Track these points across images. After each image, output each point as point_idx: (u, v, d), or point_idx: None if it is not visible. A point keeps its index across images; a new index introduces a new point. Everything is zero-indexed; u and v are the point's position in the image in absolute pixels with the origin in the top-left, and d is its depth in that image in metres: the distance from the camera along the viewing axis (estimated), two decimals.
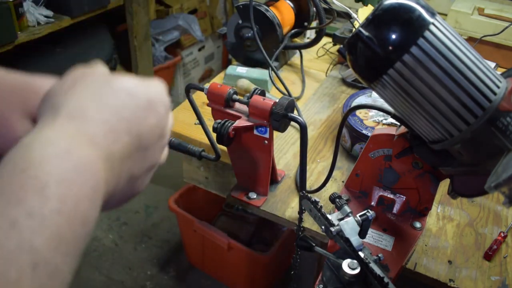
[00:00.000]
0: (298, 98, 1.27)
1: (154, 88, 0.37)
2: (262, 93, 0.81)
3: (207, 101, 0.83)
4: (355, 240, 0.61)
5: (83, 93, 0.33)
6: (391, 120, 0.99)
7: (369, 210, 0.64)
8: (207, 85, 0.82)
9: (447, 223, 0.90)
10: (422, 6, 0.54)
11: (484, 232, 0.88)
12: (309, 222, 0.86)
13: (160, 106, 0.36)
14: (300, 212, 0.79)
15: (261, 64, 1.33)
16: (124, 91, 0.34)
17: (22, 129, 0.38)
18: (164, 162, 0.41)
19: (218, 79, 1.34)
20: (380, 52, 0.55)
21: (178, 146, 0.89)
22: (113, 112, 0.32)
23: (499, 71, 0.83)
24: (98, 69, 0.35)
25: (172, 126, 0.41)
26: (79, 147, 0.29)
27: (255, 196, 0.91)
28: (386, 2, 0.55)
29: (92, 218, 0.29)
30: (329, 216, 0.64)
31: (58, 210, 0.26)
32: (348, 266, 0.59)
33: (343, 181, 0.97)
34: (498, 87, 0.55)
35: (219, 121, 0.79)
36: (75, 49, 2.13)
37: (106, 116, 0.32)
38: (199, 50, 3.06)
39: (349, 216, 0.64)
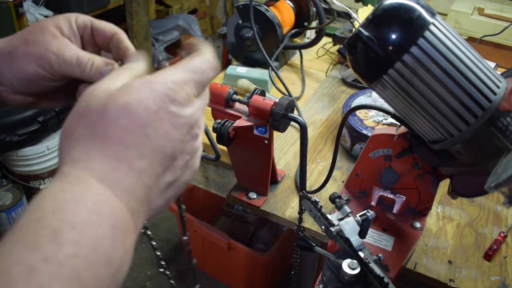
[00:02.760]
0: (298, 98, 1.27)
1: (160, 87, 0.33)
2: (262, 93, 0.81)
3: None
4: (355, 240, 0.61)
5: (83, 137, 0.32)
6: (391, 120, 0.99)
7: (369, 210, 0.64)
8: None
9: (447, 223, 0.90)
10: (422, 6, 0.54)
11: (484, 232, 0.88)
12: (309, 222, 0.86)
13: (170, 105, 0.33)
14: (300, 212, 0.79)
15: (261, 64, 1.33)
16: (124, 115, 0.32)
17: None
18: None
19: (218, 79, 1.34)
20: (380, 52, 0.55)
21: None
22: (117, 144, 0.31)
23: (499, 71, 0.83)
24: (96, 97, 0.33)
25: (207, 101, 0.38)
26: (89, 189, 0.29)
27: (255, 196, 0.91)
28: (386, 2, 0.55)
29: (117, 255, 0.29)
30: (329, 216, 0.64)
31: (74, 254, 0.26)
32: (348, 266, 0.59)
33: (343, 181, 0.97)
34: (498, 87, 0.55)
35: (219, 121, 0.79)
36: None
37: (110, 151, 0.31)
38: None
39: (349, 216, 0.64)
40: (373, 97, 1.10)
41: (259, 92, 0.80)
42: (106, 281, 0.28)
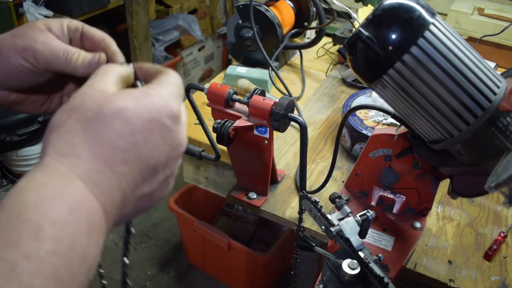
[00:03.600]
0: (298, 98, 1.27)
1: (158, 99, 0.34)
2: (262, 93, 0.81)
3: (207, 101, 0.83)
4: (355, 240, 0.61)
5: (73, 131, 0.32)
6: (391, 120, 0.99)
7: (369, 210, 0.64)
8: (207, 85, 0.82)
9: (447, 223, 0.90)
10: (422, 6, 0.54)
11: (484, 232, 0.88)
12: (309, 222, 0.86)
13: (164, 118, 0.34)
14: (300, 212, 0.79)
15: (261, 64, 1.33)
16: (118, 119, 0.32)
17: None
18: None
19: (218, 79, 1.34)
20: (380, 52, 0.55)
21: None
22: (105, 145, 0.32)
23: (499, 71, 0.83)
24: (92, 97, 0.33)
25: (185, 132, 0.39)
26: (71, 187, 0.30)
27: (255, 196, 0.91)
28: (386, 2, 0.55)
29: (92, 254, 0.30)
30: (329, 216, 0.64)
31: (54, 251, 0.27)
32: (348, 266, 0.59)
33: (343, 181, 0.97)
34: (498, 87, 0.55)
35: (219, 121, 0.79)
36: None
37: (97, 151, 0.31)
38: (199, 50, 3.06)
39: (349, 216, 0.64)
40: (373, 97, 1.10)
41: (259, 92, 0.80)
42: (80, 277, 0.29)
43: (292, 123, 0.82)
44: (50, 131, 0.32)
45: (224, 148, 0.85)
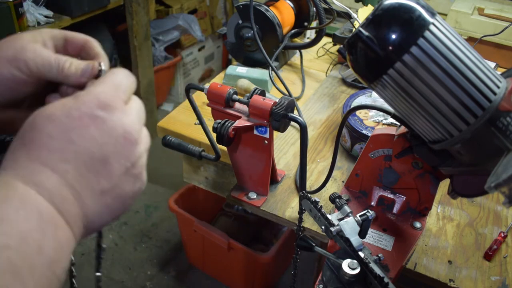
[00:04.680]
0: (298, 98, 1.27)
1: (85, 97, 0.35)
2: (262, 93, 0.81)
3: (207, 101, 0.83)
4: (355, 240, 0.61)
5: (15, 147, 0.34)
6: (391, 120, 0.99)
7: (369, 210, 0.64)
8: (207, 85, 0.82)
9: (447, 223, 0.90)
10: (422, 6, 0.54)
11: (484, 232, 0.88)
12: (309, 222, 0.86)
13: (94, 110, 0.35)
14: (300, 212, 0.79)
15: (261, 64, 1.33)
16: (48, 123, 0.34)
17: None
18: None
19: (218, 79, 1.34)
20: (380, 52, 0.55)
21: (178, 146, 0.89)
22: (41, 149, 0.34)
23: (499, 71, 0.83)
24: (31, 115, 0.35)
25: (138, 109, 0.39)
26: (14, 190, 0.32)
27: (255, 196, 0.91)
28: (386, 2, 0.55)
29: (49, 247, 0.31)
30: (329, 216, 0.64)
31: (5, 245, 0.29)
32: (348, 266, 0.59)
33: (343, 181, 0.97)
34: (498, 87, 0.55)
35: (219, 121, 0.79)
36: None
37: (35, 156, 0.33)
38: (199, 50, 3.06)
39: (349, 216, 0.64)
40: (373, 97, 1.10)
41: (259, 92, 0.80)
42: (41, 269, 0.30)
43: (292, 123, 0.82)
44: (4, 157, 0.35)
45: (224, 148, 0.85)
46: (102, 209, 0.36)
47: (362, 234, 0.64)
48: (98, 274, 0.54)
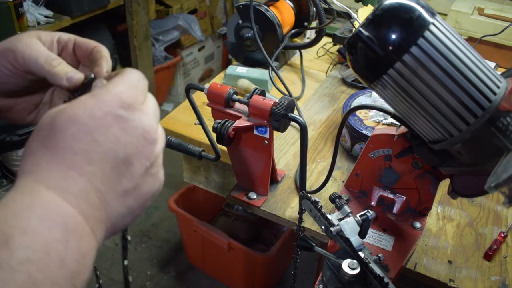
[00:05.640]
0: (298, 98, 1.27)
1: (106, 96, 0.35)
2: (262, 93, 0.81)
3: (207, 101, 0.83)
4: (355, 240, 0.61)
5: (35, 150, 0.33)
6: (391, 120, 0.99)
7: (369, 210, 0.64)
8: (207, 85, 0.82)
9: (447, 223, 0.90)
10: (422, 6, 0.54)
11: (484, 232, 0.88)
12: (309, 222, 0.86)
13: (117, 110, 0.34)
14: (300, 212, 0.79)
15: (261, 64, 1.33)
16: (71, 124, 0.33)
17: None
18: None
19: (218, 79, 1.34)
20: (380, 52, 0.55)
21: (178, 146, 0.89)
22: (66, 152, 0.32)
23: (499, 71, 0.83)
24: (47, 115, 0.35)
25: (155, 108, 0.38)
26: (39, 197, 0.31)
27: (255, 196, 0.91)
28: (386, 2, 0.55)
29: (71, 258, 0.30)
30: (329, 216, 0.64)
31: (27, 259, 0.27)
32: (348, 266, 0.59)
33: (343, 181, 0.97)
34: (498, 87, 0.55)
35: (219, 121, 0.79)
36: None
37: (60, 159, 0.32)
38: (199, 50, 3.06)
39: (349, 216, 0.64)
40: (373, 97, 1.10)
41: (259, 92, 0.80)
42: (62, 282, 0.29)
43: (292, 123, 0.82)
44: (22, 158, 0.34)
45: (224, 148, 0.85)
46: (125, 211, 0.35)
47: (362, 234, 0.64)
48: (125, 263, 0.54)
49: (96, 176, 0.33)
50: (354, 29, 1.23)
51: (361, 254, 0.60)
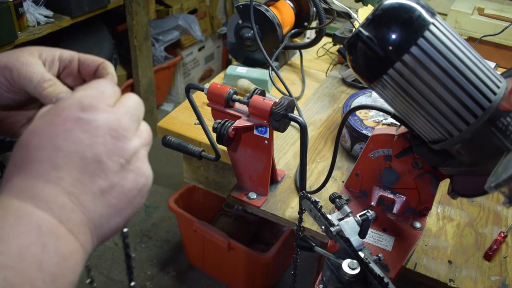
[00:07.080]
0: (298, 98, 1.27)
1: (64, 103, 0.35)
2: (262, 93, 0.81)
3: (207, 101, 0.83)
4: (355, 240, 0.61)
5: (8, 170, 0.34)
6: (391, 120, 0.99)
7: (369, 210, 0.64)
8: (207, 85, 0.82)
9: (447, 223, 0.90)
10: (422, 6, 0.54)
11: (484, 232, 0.88)
12: (309, 222, 0.86)
13: (76, 113, 0.35)
14: (300, 212, 0.79)
15: (261, 64, 1.33)
16: (32, 136, 0.34)
17: None
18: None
19: (218, 79, 1.34)
20: (380, 52, 0.55)
21: (178, 146, 0.89)
22: (31, 163, 0.33)
23: (499, 71, 0.83)
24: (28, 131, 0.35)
25: (130, 106, 0.38)
26: (10, 207, 0.31)
27: (255, 196, 0.91)
28: (386, 2, 0.55)
29: (51, 261, 0.30)
30: (329, 216, 0.64)
31: (3, 265, 0.28)
32: (348, 266, 0.59)
33: (343, 181, 0.97)
34: (498, 87, 0.55)
35: (219, 121, 0.79)
36: (75, 49, 2.11)
37: (26, 171, 0.33)
38: (199, 50, 3.06)
39: (349, 216, 0.64)
40: (373, 97, 1.10)
41: (259, 92, 0.80)
42: (41, 285, 0.29)
43: (292, 123, 0.82)
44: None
45: (224, 148, 0.85)
46: (108, 211, 0.35)
47: (362, 234, 0.64)
48: (132, 284, 0.54)
49: (63, 180, 0.33)
50: (354, 29, 1.23)
51: (361, 254, 0.60)
